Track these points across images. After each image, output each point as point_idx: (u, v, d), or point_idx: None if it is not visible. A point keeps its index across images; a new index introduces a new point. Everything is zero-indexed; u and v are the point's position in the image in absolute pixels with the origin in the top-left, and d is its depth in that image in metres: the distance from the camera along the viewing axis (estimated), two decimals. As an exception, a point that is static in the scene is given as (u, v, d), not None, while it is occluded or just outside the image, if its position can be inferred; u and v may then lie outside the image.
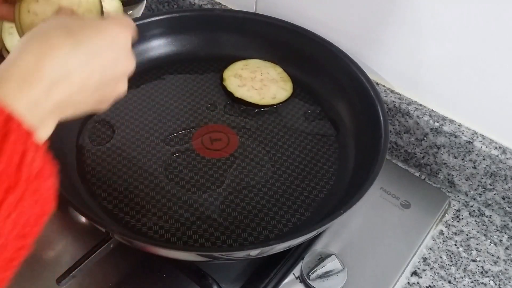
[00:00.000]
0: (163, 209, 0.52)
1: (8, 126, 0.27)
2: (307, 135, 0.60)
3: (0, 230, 0.26)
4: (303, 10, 0.66)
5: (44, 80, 0.31)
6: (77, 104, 0.35)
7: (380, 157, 0.50)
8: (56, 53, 0.32)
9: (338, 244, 0.54)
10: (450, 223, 0.59)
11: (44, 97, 0.31)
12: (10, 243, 0.28)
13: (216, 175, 0.55)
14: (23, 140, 0.28)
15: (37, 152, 0.29)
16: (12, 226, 0.27)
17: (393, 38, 0.59)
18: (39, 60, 0.31)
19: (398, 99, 0.62)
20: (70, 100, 0.33)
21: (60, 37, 0.33)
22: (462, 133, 0.58)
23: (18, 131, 0.27)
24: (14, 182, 0.27)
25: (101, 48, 0.35)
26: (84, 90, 0.34)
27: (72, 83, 0.33)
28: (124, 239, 0.45)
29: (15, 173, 0.27)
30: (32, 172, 0.28)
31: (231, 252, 0.48)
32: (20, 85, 0.30)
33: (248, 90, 0.63)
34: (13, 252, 0.28)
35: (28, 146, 0.28)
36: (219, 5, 0.75)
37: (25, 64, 0.31)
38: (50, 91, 0.31)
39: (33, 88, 0.30)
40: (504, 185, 0.57)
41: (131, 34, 0.39)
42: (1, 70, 0.31)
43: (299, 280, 0.51)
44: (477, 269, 0.55)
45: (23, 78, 0.30)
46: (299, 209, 0.52)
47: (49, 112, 0.32)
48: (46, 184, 0.30)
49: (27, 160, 0.28)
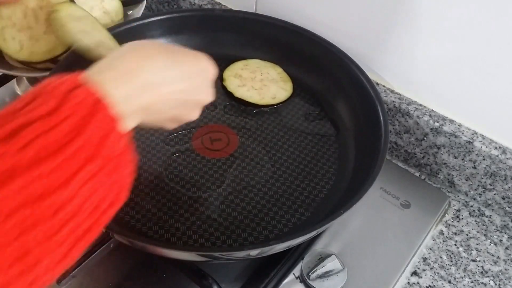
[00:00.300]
0: (163, 209, 0.52)
1: (98, 106, 0.31)
2: (307, 135, 0.60)
3: (75, 196, 0.29)
4: (303, 10, 0.66)
5: (140, 79, 0.35)
6: (158, 112, 0.38)
7: (380, 157, 0.50)
8: (155, 63, 0.36)
9: (338, 244, 0.54)
10: (450, 223, 0.59)
11: (136, 94, 0.35)
12: (86, 211, 0.30)
13: (216, 175, 0.55)
14: (108, 121, 0.31)
15: (120, 137, 0.32)
16: (89, 193, 0.29)
17: (393, 38, 0.59)
18: (140, 63, 0.36)
19: (398, 99, 0.62)
20: (155, 107, 0.37)
21: (160, 54, 0.38)
22: (462, 133, 0.58)
23: (106, 112, 0.31)
24: (94, 154, 0.30)
25: (193, 72, 0.40)
26: (168, 103, 0.38)
27: (161, 92, 0.37)
28: (124, 239, 0.45)
29: (96, 147, 0.30)
30: (112, 151, 0.31)
31: (231, 252, 0.48)
32: (120, 78, 0.34)
33: (248, 90, 0.63)
34: (89, 224, 0.30)
35: (112, 128, 0.31)
36: (219, 5, 0.75)
37: (127, 64, 0.35)
38: (142, 92, 0.35)
39: (130, 84, 0.34)
40: (504, 185, 0.57)
41: (216, 72, 0.43)
42: (105, 63, 0.35)
43: (299, 280, 0.51)
44: (477, 269, 0.55)
45: (124, 73, 0.34)
46: (299, 209, 0.52)
47: (136, 109, 0.35)
48: (124, 170, 0.32)
49: (110, 139, 0.31)
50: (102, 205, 0.31)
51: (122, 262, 0.53)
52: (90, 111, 0.30)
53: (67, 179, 0.28)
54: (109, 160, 0.31)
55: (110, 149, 0.31)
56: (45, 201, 0.27)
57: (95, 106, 0.30)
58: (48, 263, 0.28)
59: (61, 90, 0.30)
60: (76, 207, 0.29)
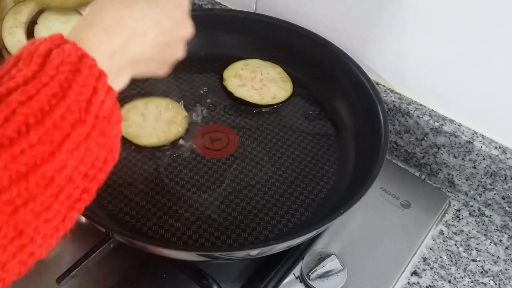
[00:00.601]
0: (163, 209, 0.52)
1: (82, 62, 0.29)
2: (307, 135, 0.60)
3: (65, 166, 0.27)
4: (303, 10, 0.66)
5: (124, 32, 0.33)
6: (147, 61, 0.37)
7: (380, 157, 0.50)
8: (134, 8, 0.34)
9: (338, 244, 0.54)
10: (450, 223, 0.59)
11: (122, 49, 0.33)
12: (76, 180, 0.28)
13: (216, 175, 0.55)
14: (95, 78, 0.29)
15: (108, 95, 0.30)
16: (78, 161, 0.28)
17: (393, 38, 0.59)
18: (121, 13, 0.34)
19: (398, 99, 0.61)
20: (143, 56, 0.35)
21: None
22: (462, 133, 0.58)
23: (91, 69, 0.29)
24: (81, 118, 0.28)
25: (171, 10, 0.38)
26: (154, 48, 0.36)
27: (146, 39, 0.35)
28: (124, 239, 0.45)
29: (86, 107, 0.28)
30: (101, 111, 0.29)
31: (231, 252, 0.48)
32: (102, 34, 0.32)
33: (248, 90, 0.63)
34: (79, 192, 0.29)
35: (100, 86, 0.29)
36: (219, 5, 0.75)
37: (109, 16, 0.33)
38: (128, 44, 0.33)
39: (113, 39, 0.32)
40: (504, 185, 0.57)
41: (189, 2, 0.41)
42: (86, 20, 0.33)
43: (299, 280, 0.51)
44: (477, 269, 0.55)
45: (106, 28, 0.32)
46: (299, 209, 0.52)
47: (124, 64, 0.33)
48: (113, 129, 0.31)
49: (98, 98, 0.29)
50: (92, 170, 0.30)
51: (122, 262, 0.53)
52: (74, 70, 0.28)
53: (55, 148, 0.27)
54: (97, 122, 0.29)
55: (99, 108, 0.29)
56: (34, 176, 0.26)
57: (78, 64, 0.29)
58: (42, 237, 0.27)
59: (42, 51, 0.29)
60: (66, 178, 0.28)
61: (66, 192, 0.28)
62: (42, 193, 0.26)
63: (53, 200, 0.27)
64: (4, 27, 0.61)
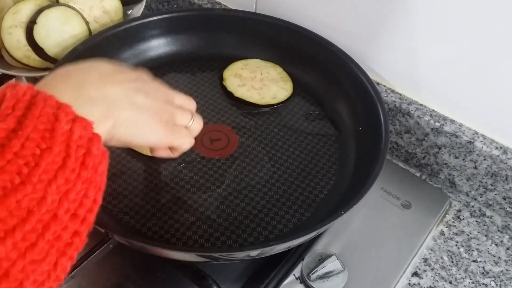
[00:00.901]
0: (163, 209, 0.51)
1: (37, 97, 0.29)
2: (307, 135, 0.60)
3: (43, 192, 0.27)
4: (303, 10, 0.65)
5: (88, 72, 0.37)
6: (135, 103, 0.38)
7: (381, 157, 0.50)
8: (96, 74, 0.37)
9: (338, 244, 0.54)
10: (451, 224, 0.59)
11: (87, 82, 0.35)
12: (63, 218, 0.28)
13: (216, 175, 0.55)
14: (53, 107, 0.29)
15: (76, 122, 0.29)
16: (61, 195, 0.27)
17: (394, 37, 0.58)
18: (85, 76, 0.36)
19: (399, 99, 0.61)
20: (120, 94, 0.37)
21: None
22: (463, 133, 0.58)
23: (48, 100, 0.29)
24: (48, 144, 0.28)
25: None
26: (128, 91, 0.38)
27: (114, 79, 0.38)
28: (123, 240, 0.45)
29: (50, 135, 0.28)
30: (72, 140, 0.29)
31: (231, 253, 0.48)
32: (61, 78, 0.35)
33: (248, 90, 0.63)
34: (70, 235, 0.28)
35: (62, 114, 0.29)
36: (219, 5, 0.75)
37: (78, 76, 0.36)
38: (93, 78, 0.36)
39: (78, 75, 0.36)
40: (505, 185, 0.57)
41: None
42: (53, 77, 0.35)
43: (299, 280, 0.51)
44: (478, 270, 0.55)
45: (67, 71, 0.36)
46: (299, 210, 0.52)
47: (96, 96, 0.34)
48: (96, 162, 0.30)
49: (61, 125, 0.28)
50: (81, 210, 0.29)
51: (122, 263, 0.53)
52: (29, 105, 0.28)
53: (24, 178, 0.26)
54: (70, 151, 0.28)
55: (66, 137, 0.29)
56: (4, 205, 0.25)
57: (33, 99, 0.29)
58: (32, 283, 0.26)
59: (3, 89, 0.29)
60: (48, 212, 0.27)
61: (53, 230, 0.27)
62: (20, 226, 0.26)
63: (38, 237, 0.26)
64: (3, 26, 0.61)
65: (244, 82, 0.64)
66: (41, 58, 0.61)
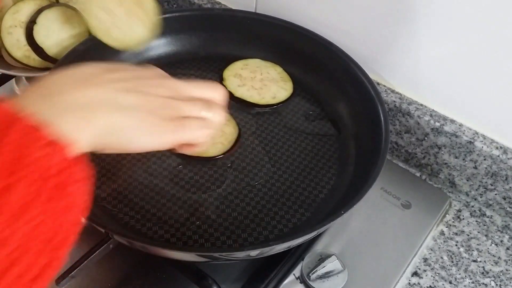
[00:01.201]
0: (163, 209, 0.51)
1: (12, 117, 0.27)
2: (307, 135, 0.60)
3: (12, 226, 0.25)
4: (304, 10, 0.65)
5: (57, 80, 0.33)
6: (117, 108, 0.34)
7: (381, 157, 0.50)
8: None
9: (338, 244, 0.54)
10: (451, 224, 0.59)
11: (56, 93, 0.32)
12: (36, 248, 0.26)
13: (216, 175, 0.55)
14: (27, 131, 0.27)
15: (35, 131, 0.27)
16: (26, 230, 0.25)
17: (394, 37, 0.58)
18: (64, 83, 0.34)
19: (399, 99, 0.61)
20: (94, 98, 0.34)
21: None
22: (463, 133, 0.58)
23: (21, 122, 0.27)
24: (14, 169, 0.26)
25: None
26: (111, 93, 0.35)
27: (93, 83, 0.35)
28: (123, 240, 0.45)
29: (16, 160, 0.26)
30: (42, 167, 0.27)
31: (231, 253, 0.48)
32: (43, 96, 0.32)
33: (248, 90, 0.63)
34: (40, 266, 0.26)
35: (34, 139, 0.27)
36: (219, 5, 0.75)
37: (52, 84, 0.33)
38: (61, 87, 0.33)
39: (45, 84, 0.33)
40: (505, 185, 0.57)
41: None
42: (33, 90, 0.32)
43: (299, 280, 0.51)
44: (478, 270, 0.55)
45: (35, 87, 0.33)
46: (299, 209, 0.52)
47: (65, 106, 0.31)
48: (74, 187, 0.29)
49: (33, 151, 0.26)
50: (52, 241, 0.27)
51: (122, 263, 0.53)
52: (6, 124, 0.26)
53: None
54: (28, 170, 0.26)
55: (36, 163, 0.26)
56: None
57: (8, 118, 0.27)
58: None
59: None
60: (21, 241, 0.25)
61: (22, 263, 0.25)
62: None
63: (5, 270, 0.25)
64: (3, 26, 0.61)
65: (244, 82, 0.64)
66: (41, 58, 0.61)
